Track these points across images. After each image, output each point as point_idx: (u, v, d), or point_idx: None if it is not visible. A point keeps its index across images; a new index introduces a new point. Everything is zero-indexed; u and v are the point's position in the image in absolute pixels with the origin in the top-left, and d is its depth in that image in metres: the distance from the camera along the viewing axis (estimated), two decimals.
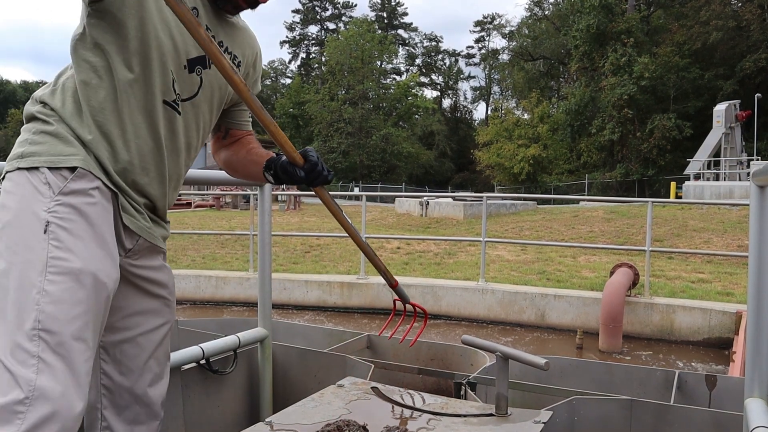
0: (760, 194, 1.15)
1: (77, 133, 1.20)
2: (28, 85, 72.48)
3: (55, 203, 1.13)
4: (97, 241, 1.15)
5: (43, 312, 1.06)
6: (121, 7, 1.19)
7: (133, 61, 1.23)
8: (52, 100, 1.23)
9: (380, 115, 41.97)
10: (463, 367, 2.19)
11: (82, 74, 1.23)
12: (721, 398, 1.84)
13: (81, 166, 1.17)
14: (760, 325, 1.15)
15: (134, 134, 1.25)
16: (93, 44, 1.22)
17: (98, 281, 1.13)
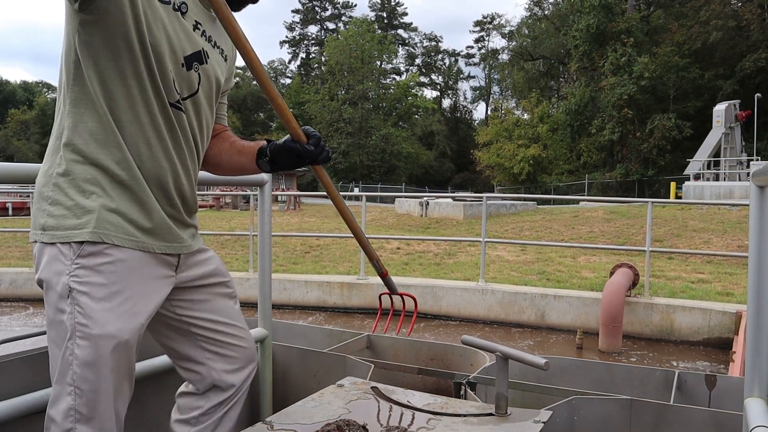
0: (760, 194, 1.15)
1: (90, 195, 1.25)
2: (27, 85, 72.43)
3: (75, 267, 1.22)
4: (116, 300, 1.24)
5: (75, 372, 1.22)
6: (114, 10, 1.18)
7: (133, 69, 1.24)
8: (60, 166, 1.26)
9: (380, 115, 41.98)
10: (463, 367, 2.19)
11: (81, 114, 1.25)
12: (721, 398, 1.84)
13: (89, 240, 1.23)
14: (760, 325, 1.15)
15: (148, 151, 1.29)
16: (87, 70, 1.23)
17: (119, 341, 1.23)
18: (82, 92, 1.24)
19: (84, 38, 1.21)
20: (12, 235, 12.30)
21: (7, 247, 11.14)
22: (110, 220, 1.25)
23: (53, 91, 67.15)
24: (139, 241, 1.29)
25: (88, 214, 1.24)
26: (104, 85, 1.23)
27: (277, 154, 1.43)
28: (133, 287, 1.27)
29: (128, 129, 1.26)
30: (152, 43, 1.23)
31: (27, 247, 10.58)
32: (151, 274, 1.32)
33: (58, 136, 1.28)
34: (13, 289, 8.13)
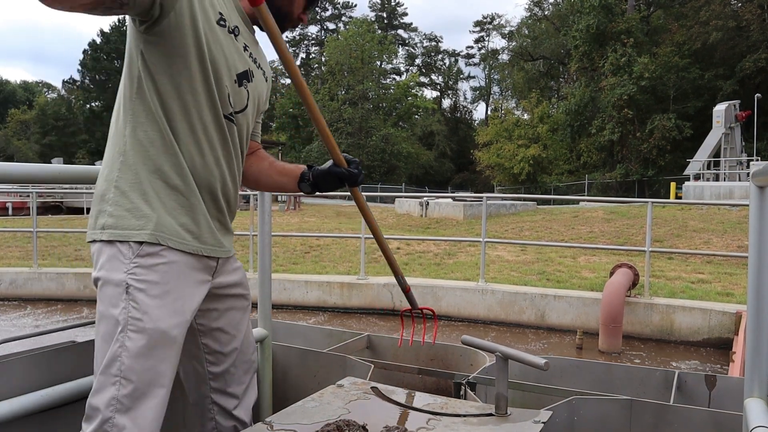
0: (760, 194, 1.14)
1: (148, 199, 1.36)
2: (28, 85, 72.37)
3: (133, 266, 1.34)
4: (168, 298, 1.35)
5: (123, 363, 1.30)
6: (177, 33, 1.31)
7: (190, 84, 1.36)
8: (121, 171, 1.37)
9: (380, 115, 41.95)
10: (463, 367, 2.19)
11: (141, 123, 1.36)
12: (721, 398, 1.84)
13: (147, 240, 1.35)
14: (760, 325, 1.15)
15: (201, 159, 1.41)
16: (148, 84, 1.35)
17: (169, 337, 1.34)
18: (143, 104, 1.36)
19: (147, 55, 1.33)
20: (12, 235, 12.30)
21: (7, 247, 11.14)
22: (165, 224, 1.36)
23: (53, 91, 67.14)
24: (189, 244, 1.40)
25: (146, 216, 1.35)
26: (163, 98, 1.35)
27: (320, 178, 1.59)
28: (182, 288, 1.38)
29: (184, 139, 1.38)
30: (212, 60, 1.36)
31: (27, 247, 10.58)
32: (196, 277, 1.43)
33: (117, 143, 1.39)
34: (13, 289, 8.13)
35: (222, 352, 1.59)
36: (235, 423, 1.64)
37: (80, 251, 10.57)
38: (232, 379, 1.63)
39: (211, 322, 1.56)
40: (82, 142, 56.37)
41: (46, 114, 57.17)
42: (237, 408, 1.64)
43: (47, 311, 7.64)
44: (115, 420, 1.29)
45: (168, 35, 1.31)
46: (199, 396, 1.63)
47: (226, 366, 1.60)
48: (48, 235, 12.07)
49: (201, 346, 1.58)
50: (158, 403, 1.33)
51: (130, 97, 1.37)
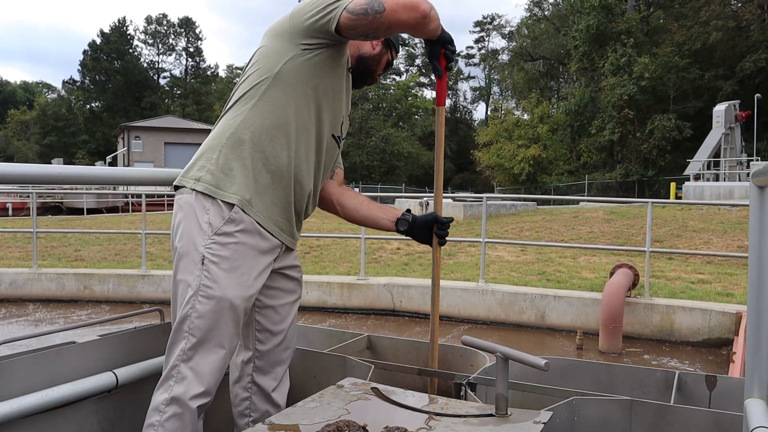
0: (760, 195, 1.14)
1: (246, 172, 1.59)
2: (28, 85, 72.36)
3: (211, 241, 1.55)
4: (236, 273, 1.56)
5: (192, 322, 1.54)
6: (329, 59, 1.61)
7: (324, 102, 1.65)
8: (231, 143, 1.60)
9: (380, 115, 41.97)
10: (463, 368, 2.19)
11: (263, 113, 1.60)
12: (721, 398, 1.84)
13: (237, 204, 1.56)
14: (760, 325, 1.15)
15: (306, 162, 1.66)
16: (286, 88, 1.60)
17: (232, 305, 1.56)
18: (272, 98, 1.59)
19: (297, 64, 1.59)
20: (12, 235, 12.30)
21: (7, 247, 11.14)
22: (253, 197, 1.59)
23: (53, 92, 67.13)
24: (267, 223, 1.61)
25: (238, 185, 1.58)
26: (293, 102, 1.60)
27: (420, 226, 1.84)
28: (250, 264, 1.59)
29: (294, 139, 1.62)
30: (344, 91, 1.72)
31: (27, 248, 10.58)
32: (265, 258, 1.63)
33: (232, 119, 1.62)
34: (13, 289, 8.12)
35: (271, 331, 1.75)
36: (270, 406, 1.74)
37: (80, 251, 10.57)
38: (275, 361, 1.76)
39: (268, 299, 1.74)
40: (82, 143, 56.36)
41: (46, 114, 57.13)
42: (275, 391, 1.76)
43: (47, 311, 7.64)
44: (180, 368, 1.54)
45: (326, 58, 1.60)
46: (241, 374, 1.77)
47: (272, 346, 1.75)
48: (48, 236, 12.07)
49: (254, 323, 1.75)
50: (216, 359, 1.55)
51: (265, 90, 1.60)
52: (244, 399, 1.76)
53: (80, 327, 1.92)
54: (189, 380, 1.53)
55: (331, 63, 1.62)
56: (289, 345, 1.80)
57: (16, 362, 1.58)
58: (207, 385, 1.55)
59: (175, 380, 1.54)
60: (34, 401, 1.55)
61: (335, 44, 1.60)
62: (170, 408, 1.53)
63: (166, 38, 65.27)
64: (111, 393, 1.75)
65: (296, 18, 1.60)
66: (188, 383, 1.53)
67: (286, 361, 1.80)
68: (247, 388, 1.76)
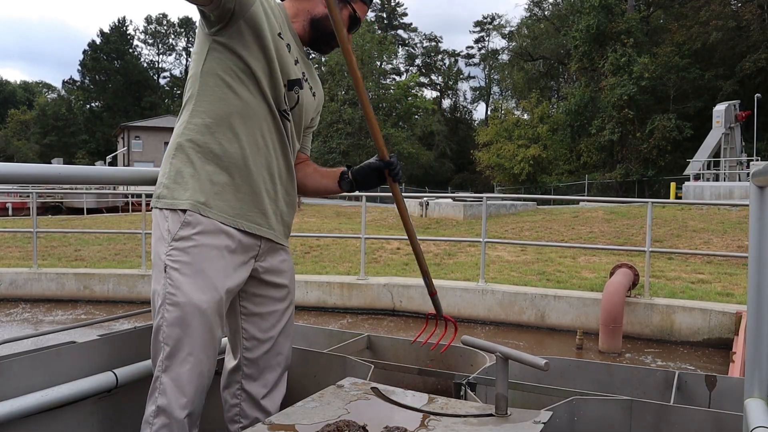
0: (760, 194, 1.14)
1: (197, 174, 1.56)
2: (27, 85, 72.35)
3: (170, 248, 1.54)
4: (199, 276, 1.53)
5: (164, 332, 1.53)
6: (243, 35, 1.53)
7: (253, 81, 1.57)
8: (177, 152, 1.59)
9: (380, 115, 41.92)
10: (463, 368, 2.19)
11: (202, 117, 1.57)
12: (721, 398, 1.84)
13: (189, 209, 1.54)
14: (760, 325, 1.15)
15: (255, 148, 1.60)
16: (215, 79, 1.56)
17: (200, 310, 1.52)
18: (205, 96, 1.57)
19: (215, 54, 1.56)
20: (12, 235, 12.30)
21: (7, 247, 11.14)
22: (208, 196, 1.56)
23: (53, 92, 67.14)
24: (229, 218, 1.58)
25: (191, 189, 1.56)
26: (224, 91, 1.56)
27: (360, 174, 1.73)
28: (215, 266, 1.55)
29: (239, 127, 1.57)
30: (270, 63, 1.59)
31: (27, 248, 10.58)
32: (235, 259, 1.59)
33: (179, 127, 1.61)
34: (13, 290, 8.12)
35: (259, 339, 1.71)
36: (260, 413, 1.71)
37: (80, 251, 10.57)
38: (264, 368, 1.73)
39: (255, 306, 1.71)
40: (82, 142, 56.36)
41: (46, 114, 57.12)
42: (265, 398, 1.73)
43: (47, 311, 7.64)
44: (161, 378, 1.53)
45: (235, 40, 1.54)
46: (229, 381, 1.75)
47: (260, 353, 1.72)
48: (48, 236, 12.06)
49: (241, 331, 1.72)
50: (192, 367, 1.52)
51: (197, 89, 1.58)
52: (233, 405, 1.75)
53: (80, 327, 1.92)
54: (171, 391, 1.52)
55: (247, 37, 1.54)
56: (280, 351, 1.75)
57: (16, 362, 1.58)
58: (188, 394, 1.53)
59: (158, 392, 1.53)
60: (34, 401, 1.54)
61: (235, 19, 1.51)
62: (158, 420, 1.52)
63: (166, 38, 65.29)
64: (111, 393, 1.75)
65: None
66: (170, 394, 1.52)
67: (276, 367, 1.76)
68: (236, 394, 1.74)
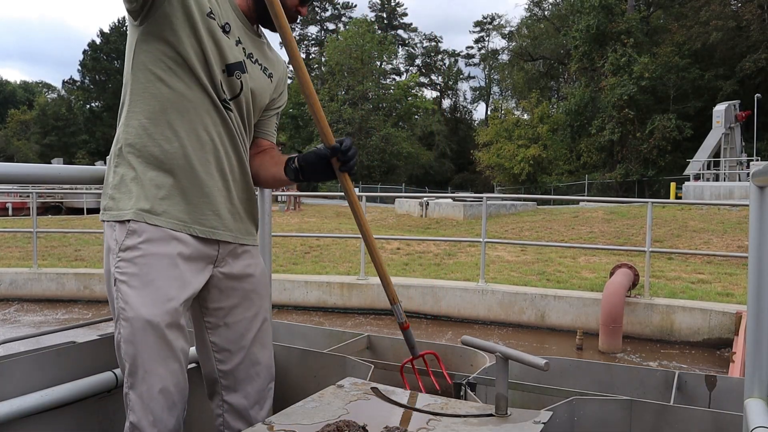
0: (760, 195, 1.14)
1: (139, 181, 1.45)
2: (28, 85, 72.34)
3: (118, 260, 1.44)
4: (148, 288, 1.42)
5: (122, 348, 1.44)
6: (169, 21, 1.41)
7: (186, 71, 1.44)
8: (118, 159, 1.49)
9: (380, 115, 41.93)
10: (463, 368, 2.19)
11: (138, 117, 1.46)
12: (721, 398, 1.84)
13: (133, 219, 1.43)
14: (760, 325, 1.15)
15: (197, 144, 1.47)
16: (145, 73, 1.45)
17: (151, 324, 1.41)
18: (138, 93, 1.46)
19: (143, 46, 1.44)
20: (12, 235, 12.30)
21: (7, 247, 11.14)
22: (152, 203, 1.45)
23: (53, 92, 67.13)
24: (176, 223, 1.46)
25: (135, 197, 1.45)
26: (156, 85, 1.44)
27: (306, 161, 1.55)
28: (166, 277, 1.44)
29: (177, 124, 1.45)
30: (202, 50, 1.45)
31: (27, 248, 10.58)
32: (189, 266, 1.48)
33: (118, 132, 1.50)
34: (13, 290, 8.12)
35: (230, 350, 1.63)
36: (244, 425, 1.65)
37: (80, 251, 10.57)
38: (243, 379, 1.65)
39: (219, 319, 1.61)
40: (82, 142, 56.34)
41: (46, 114, 57.13)
42: (252, 409, 1.67)
43: (47, 311, 7.64)
44: (129, 395, 1.45)
45: (161, 26, 1.41)
46: (211, 392, 1.70)
47: (234, 365, 1.64)
48: (48, 236, 12.07)
49: (209, 344, 1.63)
50: (152, 385, 1.43)
51: (130, 88, 1.47)
52: (218, 415, 1.70)
53: (80, 327, 1.92)
54: (138, 408, 1.44)
55: (173, 22, 1.40)
56: (256, 361, 1.66)
57: (16, 362, 1.58)
58: (155, 413, 1.43)
59: (129, 408, 1.45)
60: (34, 401, 1.54)
61: (155, 5, 1.40)
62: None
63: None
64: (111, 393, 1.75)
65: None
66: (138, 411, 1.44)
67: (256, 378, 1.67)
68: (219, 405, 1.68)
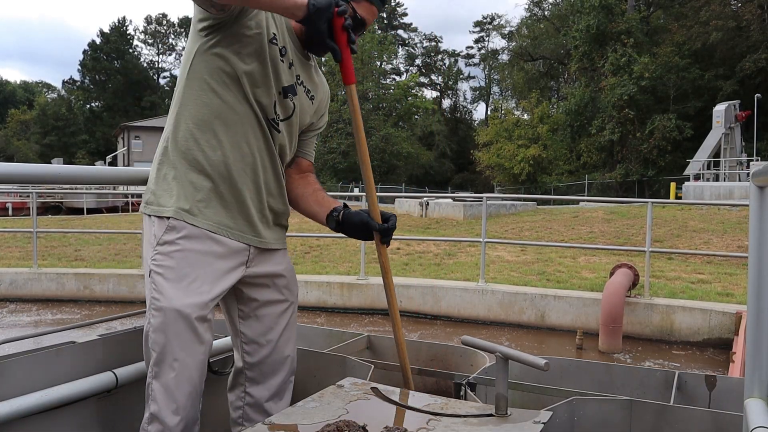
0: (760, 195, 1.14)
1: (181, 182, 1.54)
2: (28, 85, 72.32)
3: (155, 252, 1.53)
4: (184, 281, 1.51)
5: (151, 337, 1.52)
6: (237, 38, 1.50)
7: (240, 87, 1.52)
8: (163, 157, 1.58)
9: (380, 115, 41.93)
10: (463, 368, 2.19)
11: (187, 122, 1.55)
12: (721, 398, 1.84)
13: (173, 216, 1.52)
14: (760, 325, 1.15)
15: (239, 156, 1.56)
16: (201, 83, 1.53)
17: (182, 315, 1.50)
18: (191, 99, 1.54)
19: (203, 56, 1.52)
20: (12, 235, 12.30)
21: (7, 247, 11.14)
22: (191, 204, 1.55)
23: (53, 91, 67.12)
24: (214, 226, 1.56)
25: (176, 195, 1.55)
26: (210, 96, 1.52)
27: (348, 222, 1.65)
28: (200, 272, 1.54)
29: (225, 135, 1.54)
30: (263, 70, 1.54)
31: (27, 248, 10.58)
32: (222, 264, 1.57)
33: (165, 131, 1.60)
34: (13, 290, 8.12)
35: (258, 342, 1.70)
36: (264, 418, 1.67)
37: (80, 251, 10.57)
38: (268, 372, 1.72)
39: (251, 310, 1.69)
40: (82, 142, 56.33)
41: (46, 114, 57.11)
42: (270, 401, 1.73)
43: (47, 311, 7.64)
44: (152, 385, 1.52)
45: (227, 43, 1.50)
46: (234, 383, 1.75)
47: (262, 357, 1.70)
48: (48, 236, 12.06)
49: (239, 334, 1.71)
50: (179, 373, 1.50)
51: (182, 92, 1.56)
52: (237, 408, 1.75)
53: (80, 327, 1.92)
54: (161, 397, 1.51)
55: (238, 40, 1.50)
56: (283, 354, 1.73)
57: (16, 362, 1.58)
58: (178, 401, 1.51)
59: (151, 398, 1.52)
60: (34, 401, 1.55)
61: (227, 20, 1.48)
62: (152, 426, 1.52)
63: (165, 38, 65.28)
64: (111, 393, 1.75)
65: (194, 8, 1.51)
66: (161, 400, 1.51)
67: (281, 371, 1.74)
68: (240, 397, 1.74)
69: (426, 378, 2.02)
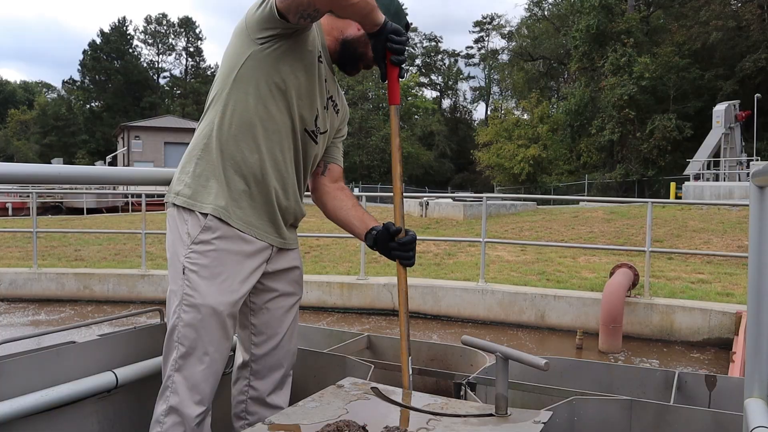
0: (760, 194, 1.14)
1: (219, 181, 1.60)
2: (28, 85, 72.32)
3: (189, 251, 1.58)
4: (217, 279, 1.57)
5: (179, 332, 1.57)
6: (289, 52, 1.55)
7: (285, 99, 1.59)
8: (203, 153, 1.62)
9: (380, 115, 41.96)
10: (463, 368, 2.19)
11: (230, 122, 1.58)
12: (721, 398, 1.84)
13: (211, 213, 1.58)
14: (760, 325, 1.15)
15: (273, 162, 1.62)
16: (248, 87, 1.57)
17: (216, 311, 1.57)
18: (235, 101, 1.58)
19: (255, 61, 1.55)
20: (12, 235, 12.30)
21: (7, 247, 11.14)
22: (229, 204, 1.60)
23: (53, 92, 67.13)
24: (247, 226, 1.62)
25: (215, 194, 1.60)
26: (255, 102, 1.57)
27: (380, 242, 1.70)
28: (232, 270, 1.60)
29: (264, 140, 1.60)
30: (308, 84, 1.62)
31: (27, 248, 10.58)
32: (250, 263, 1.63)
33: (204, 128, 1.63)
34: (13, 289, 8.12)
35: (267, 334, 1.75)
36: (266, 411, 1.74)
37: (80, 251, 10.57)
38: (272, 365, 1.76)
39: (262, 302, 1.74)
40: (82, 142, 56.33)
41: (46, 114, 57.12)
42: (272, 395, 1.77)
43: (47, 311, 7.64)
44: (174, 377, 1.56)
45: (281, 56, 1.55)
46: (238, 377, 1.79)
47: (268, 349, 1.75)
48: (48, 235, 12.06)
49: (249, 326, 1.76)
50: (206, 367, 1.56)
51: (227, 93, 1.59)
52: (240, 402, 1.78)
53: (80, 327, 1.92)
54: (184, 390, 1.56)
55: (293, 54, 1.57)
56: (287, 348, 1.79)
57: (16, 362, 1.58)
58: (202, 393, 1.57)
59: (170, 390, 1.57)
60: (34, 401, 1.54)
61: (290, 33, 1.54)
62: (169, 418, 1.55)
63: (165, 38, 65.26)
64: (111, 393, 1.75)
65: (249, 13, 1.57)
66: (183, 393, 1.55)
67: (284, 365, 1.78)
68: (243, 391, 1.78)
69: (426, 378, 2.02)
